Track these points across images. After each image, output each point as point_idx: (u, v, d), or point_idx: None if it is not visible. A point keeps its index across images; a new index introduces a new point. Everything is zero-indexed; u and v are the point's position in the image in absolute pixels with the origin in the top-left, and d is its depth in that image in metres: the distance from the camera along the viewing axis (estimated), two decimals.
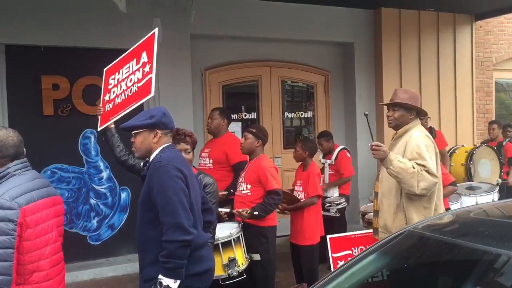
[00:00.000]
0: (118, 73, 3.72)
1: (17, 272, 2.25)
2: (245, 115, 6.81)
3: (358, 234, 4.05)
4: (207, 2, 5.94)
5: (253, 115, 6.88)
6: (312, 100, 7.39)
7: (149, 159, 2.69)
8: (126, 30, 5.61)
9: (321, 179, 4.70)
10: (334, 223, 5.59)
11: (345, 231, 5.90)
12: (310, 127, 7.43)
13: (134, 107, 3.43)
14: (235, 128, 6.30)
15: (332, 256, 3.94)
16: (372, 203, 5.18)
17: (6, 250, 2.16)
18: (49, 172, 5.54)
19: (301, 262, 4.46)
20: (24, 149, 2.56)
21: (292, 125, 7.36)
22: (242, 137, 4.31)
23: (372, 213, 4.04)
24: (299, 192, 4.55)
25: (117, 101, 3.63)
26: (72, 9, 5.44)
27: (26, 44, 5.33)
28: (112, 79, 3.79)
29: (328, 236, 4.02)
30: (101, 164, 5.82)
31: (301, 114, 7.33)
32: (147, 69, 3.43)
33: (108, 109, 3.67)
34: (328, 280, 2.31)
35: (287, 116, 7.19)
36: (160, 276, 2.44)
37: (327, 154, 5.94)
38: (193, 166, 3.45)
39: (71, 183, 5.67)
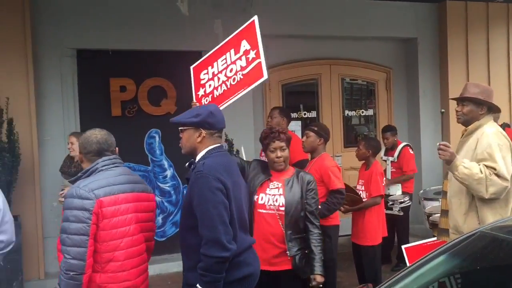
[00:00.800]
0: (212, 67, 3.72)
1: (95, 259, 2.38)
2: (305, 114, 6.79)
3: (433, 241, 3.87)
4: (267, 2, 5.98)
5: (313, 114, 6.84)
6: (373, 97, 7.25)
7: (194, 159, 2.63)
8: (188, 32, 5.76)
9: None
10: (397, 223, 5.46)
11: (408, 231, 5.78)
12: (371, 125, 7.30)
13: (242, 93, 3.41)
14: (295, 127, 6.29)
15: None
16: (434, 203, 5.02)
17: (81, 237, 2.30)
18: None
19: (363, 262, 4.40)
20: (116, 148, 2.69)
21: (352, 123, 7.26)
22: (303, 135, 4.30)
23: (438, 215, 3.91)
24: (361, 192, 4.48)
25: (217, 92, 3.61)
26: (138, 14, 5.66)
27: (95, 49, 5.60)
28: (204, 73, 3.79)
29: (403, 247, 3.86)
30: (165, 163, 6.01)
31: (362, 112, 7.21)
32: (251, 55, 3.43)
33: (206, 102, 3.61)
34: (395, 281, 2.26)
35: (347, 114, 7.10)
36: (198, 286, 2.41)
37: (389, 150, 5.82)
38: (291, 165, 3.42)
39: None
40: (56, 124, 5.39)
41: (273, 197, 3.21)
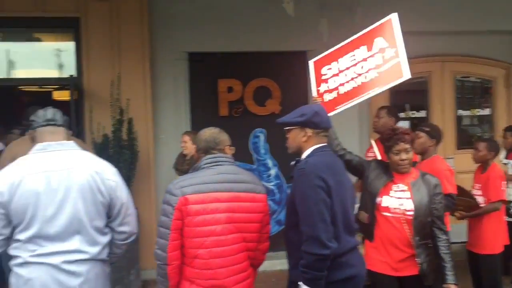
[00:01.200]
0: (337, 63, 3.65)
1: (183, 253, 2.48)
2: (413, 113, 6.51)
3: None
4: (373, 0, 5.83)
5: (422, 113, 6.54)
6: (488, 96, 6.75)
7: (300, 159, 2.65)
8: (294, 32, 5.81)
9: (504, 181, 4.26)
10: None
11: None
12: (486, 126, 6.80)
13: (377, 92, 3.36)
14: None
15: None
16: None
17: (165, 230, 2.43)
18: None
19: (480, 272, 4.10)
20: (227, 147, 2.71)
21: (465, 123, 6.82)
22: None
23: None
24: (477, 196, 4.19)
25: (344, 89, 3.54)
26: (245, 16, 5.82)
27: (206, 52, 5.86)
28: (327, 69, 3.71)
29: None
30: (270, 162, 6.11)
31: (477, 111, 6.74)
32: (389, 53, 3.36)
33: (331, 98, 3.57)
34: None
35: (460, 114, 6.68)
36: (300, 283, 2.44)
37: (509, 152, 5.38)
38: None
39: None
40: (170, 124, 5.73)
41: (398, 200, 3.08)
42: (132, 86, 5.38)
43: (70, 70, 5.52)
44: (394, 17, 3.44)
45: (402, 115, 6.32)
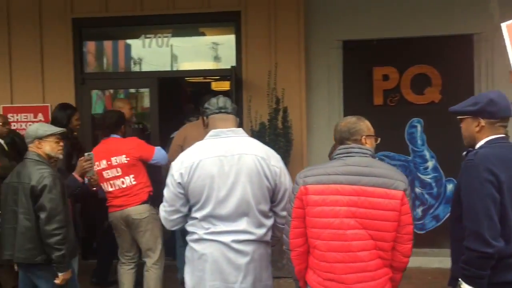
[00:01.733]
0: None
1: (307, 241, 2.46)
2: None
3: None
4: None
5: None
6: None
7: (471, 149, 2.47)
8: (460, 14, 5.42)
9: None
10: None
11: None
12: None
13: None
14: None
15: None
16: None
17: (288, 217, 2.47)
18: (377, 158, 5.82)
19: None
20: (364, 137, 2.60)
21: None
22: None
23: None
24: None
25: None
26: (405, 1, 5.57)
27: (360, 39, 5.73)
28: None
29: None
30: (427, 154, 5.79)
31: None
32: None
33: None
34: None
35: None
36: (460, 280, 2.31)
37: None
38: None
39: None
40: (323, 113, 5.75)
41: None
42: (288, 75, 5.51)
43: (230, 61, 5.86)
44: None
45: None
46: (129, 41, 6.63)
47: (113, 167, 4.15)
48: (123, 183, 4.16)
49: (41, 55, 5.86)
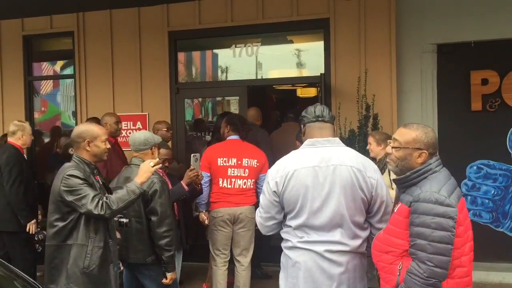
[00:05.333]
0: None
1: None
2: None
3: None
4: None
5: None
6: None
7: None
8: None
9: None
10: None
11: None
12: None
13: None
14: None
15: None
16: None
17: (446, 246, 2.24)
18: (475, 167, 5.53)
19: None
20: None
21: None
22: None
23: None
24: None
25: None
26: (501, 1, 5.26)
27: (456, 42, 5.49)
28: None
29: None
30: None
31: None
32: None
33: None
34: None
35: None
36: None
37: None
38: None
39: (498, 180, 5.47)
40: (415, 119, 5.49)
41: None
42: (378, 81, 5.40)
43: (318, 68, 5.86)
44: None
45: None
46: (219, 51, 6.86)
47: (242, 167, 4.44)
48: (245, 184, 4.46)
49: (139, 66, 6.25)
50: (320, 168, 2.58)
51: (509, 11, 5.22)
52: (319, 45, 5.89)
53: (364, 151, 4.96)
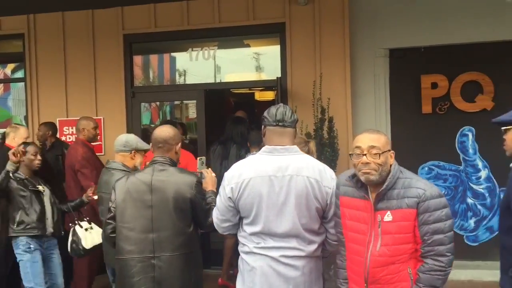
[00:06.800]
0: None
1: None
2: None
3: None
4: None
5: None
6: None
7: None
8: (509, 20, 5.24)
9: None
10: None
11: None
12: None
13: None
14: None
15: None
16: None
17: (453, 232, 2.35)
18: (426, 168, 5.71)
19: None
20: None
21: None
22: None
23: None
24: None
25: None
26: (453, 6, 5.46)
27: (407, 47, 5.66)
28: None
29: None
30: (479, 163, 5.60)
31: None
32: None
33: None
34: None
35: None
36: None
37: None
38: None
39: (448, 180, 5.68)
40: (369, 122, 5.66)
41: None
42: (333, 85, 5.50)
43: (275, 72, 5.91)
44: None
45: None
46: (176, 54, 6.81)
47: None
48: None
49: (94, 69, 6.13)
50: (276, 177, 2.58)
51: (456, 17, 5.42)
52: (276, 49, 5.95)
53: (321, 154, 5.05)
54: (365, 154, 2.36)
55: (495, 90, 5.44)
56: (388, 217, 2.34)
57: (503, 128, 2.47)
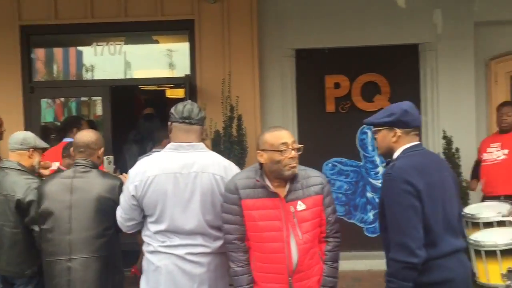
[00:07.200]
0: None
1: None
2: None
3: None
4: None
5: None
6: None
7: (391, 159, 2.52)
8: (404, 25, 5.63)
9: None
10: None
11: None
12: None
13: None
14: None
15: None
16: None
17: None
18: (330, 165, 5.98)
19: None
20: None
21: None
22: None
23: None
24: None
25: None
26: (354, 10, 5.74)
27: (312, 48, 5.87)
28: None
29: None
30: (377, 159, 5.97)
31: None
32: None
33: None
34: None
35: None
36: None
37: None
38: None
39: (350, 176, 5.99)
40: (277, 120, 5.80)
41: None
42: (242, 83, 5.56)
43: (184, 69, 5.86)
44: None
45: None
46: (80, 48, 6.50)
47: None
48: None
49: None
50: (181, 174, 2.56)
51: (356, 21, 5.71)
52: (185, 46, 5.89)
53: (229, 151, 5.09)
54: (294, 149, 2.48)
55: (391, 91, 5.83)
56: (300, 206, 2.49)
57: (373, 129, 2.60)
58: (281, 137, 2.50)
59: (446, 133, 5.43)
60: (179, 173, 2.57)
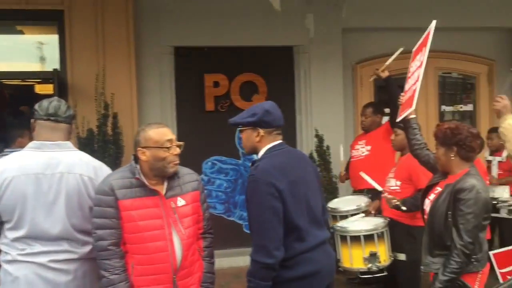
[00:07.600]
0: (411, 66, 3.56)
1: None
2: None
3: None
4: None
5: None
6: (472, 92, 6.85)
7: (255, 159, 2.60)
8: (280, 27, 5.83)
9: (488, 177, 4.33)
10: (503, 225, 5.12)
11: None
12: (467, 121, 6.90)
13: (407, 113, 3.29)
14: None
15: (500, 272, 3.68)
16: None
17: None
18: (210, 163, 5.99)
19: None
20: None
21: (448, 119, 6.92)
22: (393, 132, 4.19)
23: None
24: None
25: (408, 94, 3.41)
26: (232, 11, 5.80)
27: (191, 46, 5.82)
28: (411, 66, 3.59)
29: (490, 253, 3.69)
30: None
31: (460, 107, 6.84)
32: (416, 75, 3.27)
33: (404, 100, 3.46)
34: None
35: (443, 110, 6.77)
36: None
37: (494, 151, 5.43)
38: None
39: (229, 174, 6.06)
40: (155, 119, 5.64)
41: None
42: (117, 80, 5.33)
43: (53, 63, 5.45)
44: (430, 32, 3.35)
45: (387, 110, 6.37)
46: None
47: None
48: None
49: None
50: (44, 175, 2.37)
51: (234, 21, 5.78)
52: (54, 38, 5.48)
53: (104, 151, 4.85)
54: (178, 146, 2.48)
55: (268, 91, 6.01)
56: (180, 202, 2.49)
57: (238, 128, 2.66)
58: (166, 134, 2.46)
59: (318, 132, 5.74)
60: (42, 174, 2.37)
